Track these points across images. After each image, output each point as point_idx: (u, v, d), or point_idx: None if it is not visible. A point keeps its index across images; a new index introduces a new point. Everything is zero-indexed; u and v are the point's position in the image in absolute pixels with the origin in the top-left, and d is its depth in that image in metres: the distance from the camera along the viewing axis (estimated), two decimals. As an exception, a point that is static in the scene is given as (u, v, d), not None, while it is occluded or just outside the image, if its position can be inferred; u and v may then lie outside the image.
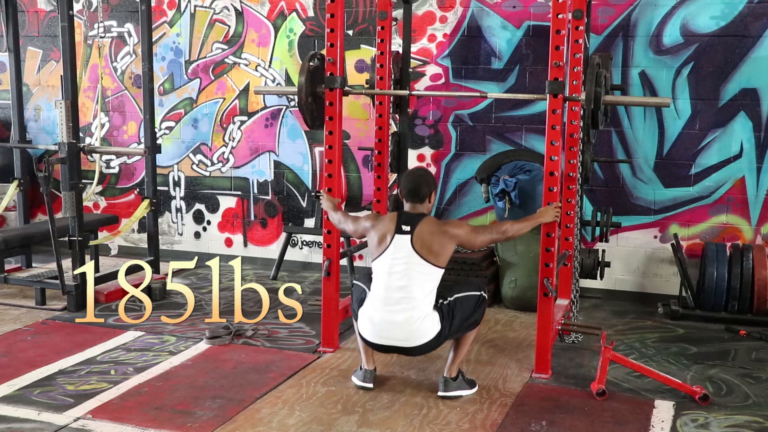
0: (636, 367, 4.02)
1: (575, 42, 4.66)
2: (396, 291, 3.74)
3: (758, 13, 5.26)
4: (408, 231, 3.78)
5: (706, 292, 5.20)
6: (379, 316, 3.76)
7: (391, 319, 3.73)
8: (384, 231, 3.84)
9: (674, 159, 5.55)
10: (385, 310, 3.75)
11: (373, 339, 3.81)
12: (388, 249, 3.80)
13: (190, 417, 3.54)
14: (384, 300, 3.76)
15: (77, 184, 5.16)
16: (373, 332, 3.80)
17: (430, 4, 5.90)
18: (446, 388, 3.83)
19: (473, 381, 3.96)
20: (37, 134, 7.09)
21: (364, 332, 3.85)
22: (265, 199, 6.57)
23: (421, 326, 3.72)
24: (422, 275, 3.75)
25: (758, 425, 3.57)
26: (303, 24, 6.25)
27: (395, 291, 3.74)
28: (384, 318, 3.75)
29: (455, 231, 3.86)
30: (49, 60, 6.98)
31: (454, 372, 3.87)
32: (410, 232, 3.78)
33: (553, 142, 3.99)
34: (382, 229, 3.86)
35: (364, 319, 3.85)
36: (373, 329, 3.80)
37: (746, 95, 5.36)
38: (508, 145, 5.85)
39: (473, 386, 3.92)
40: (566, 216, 4.80)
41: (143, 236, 6.48)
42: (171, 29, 6.60)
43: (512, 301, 5.45)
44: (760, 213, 5.43)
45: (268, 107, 6.45)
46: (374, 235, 3.89)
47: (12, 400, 3.69)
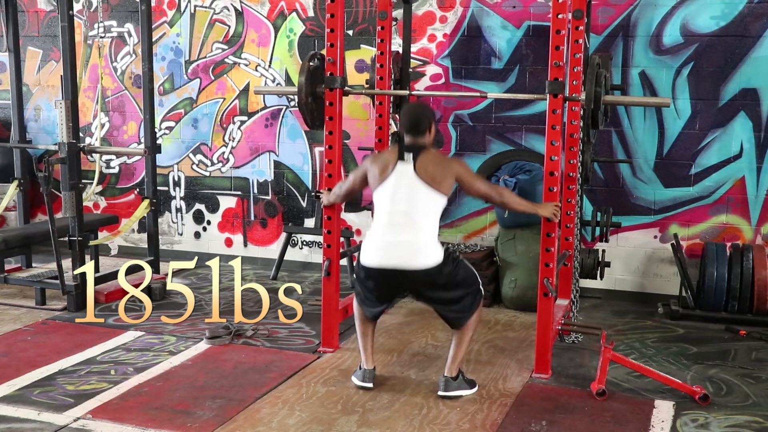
0: (636, 367, 4.02)
1: (575, 42, 4.66)
2: (400, 215, 3.73)
3: (758, 13, 5.26)
4: (409, 160, 3.78)
5: (706, 292, 5.20)
6: (384, 240, 3.75)
7: (396, 240, 3.72)
8: (385, 162, 3.84)
9: (674, 159, 5.55)
10: (390, 233, 3.74)
11: (377, 263, 3.76)
12: (390, 176, 3.78)
13: (190, 417, 3.54)
14: (388, 225, 3.75)
15: (77, 184, 5.16)
16: (377, 256, 3.75)
17: (430, 4, 5.90)
18: (446, 387, 3.83)
19: (473, 381, 3.96)
20: (37, 134, 7.09)
21: (369, 260, 3.79)
22: (265, 199, 6.57)
23: (424, 249, 3.70)
24: (426, 199, 3.74)
25: (758, 425, 3.57)
26: (303, 24, 6.25)
27: (399, 215, 3.73)
28: (389, 240, 3.74)
29: (457, 167, 3.85)
30: (49, 60, 6.98)
31: (454, 371, 3.87)
32: (413, 159, 3.77)
33: (553, 142, 3.99)
34: (383, 160, 3.86)
35: (368, 247, 3.81)
36: (377, 253, 3.76)
37: (746, 95, 5.36)
38: (508, 145, 5.85)
39: (473, 386, 3.92)
40: (566, 216, 4.80)
41: (143, 236, 6.48)
42: (171, 29, 6.60)
43: (512, 301, 5.45)
44: (760, 213, 5.43)
45: (268, 107, 6.45)
46: (375, 168, 3.87)
47: (12, 400, 3.69)
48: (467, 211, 6.02)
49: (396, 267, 3.73)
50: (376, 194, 3.85)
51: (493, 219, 5.93)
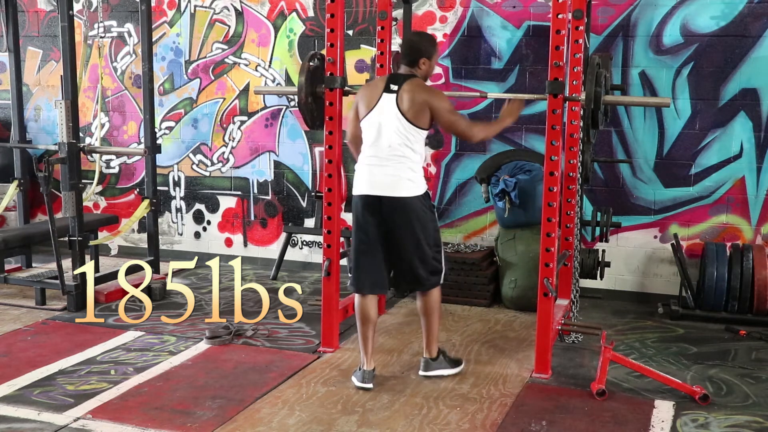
0: (636, 367, 4.02)
1: (575, 42, 4.66)
2: (383, 150, 3.87)
3: (758, 13, 5.26)
4: (394, 90, 3.87)
5: (706, 292, 5.20)
6: (370, 173, 3.91)
7: (380, 172, 3.88)
8: (372, 93, 3.95)
9: (674, 159, 5.55)
10: (376, 166, 3.89)
11: (365, 191, 3.92)
12: (374, 109, 3.90)
13: (190, 417, 3.54)
14: (373, 157, 3.91)
15: (77, 184, 5.16)
16: (365, 182, 3.93)
17: (430, 4, 5.90)
18: (426, 368, 4.04)
19: (458, 360, 4.11)
20: (37, 134, 7.09)
21: (358, 190, 3.96)
22: (265, 199, 6.57)
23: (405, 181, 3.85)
24: (405, 132, 3.84)
25: (758, 425, 3.57)
26: (303, 24, 6.25)
27: (382, 149, 3.87)
28: (374, 172, 3.90)
29: (431, 99, 3.86)
30: (49, 60, 6.98)
31: (433, 352, 4.06)
32: (396, 91, 3.86)
33: (553, 142, 3.99)
34: (370, 92, 3.97)
35: (357, 180, 3.98)
36: (364, 180, 3.94)
37: (746, 95, 5.36)
38: (508, 145, 5.84)
39: (457, 365, 4.09)
40: (566, 216, 4.80)
41: (143, 236, 6.48)
42: (171, 29, 6.60)
43: (512, 301, 5.45)
44: (760, 213, 5.43)
45: (268, 107, 6.45)
46: (362, 101, 4.01)
47: (12, 400, 3.69)
48: (467, 211, 6.02)
49: (379, 194, 3.88)
50: (362, 126, 3.99)
51: (493, 219, 5.93)
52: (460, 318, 5.20)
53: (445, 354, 4.08)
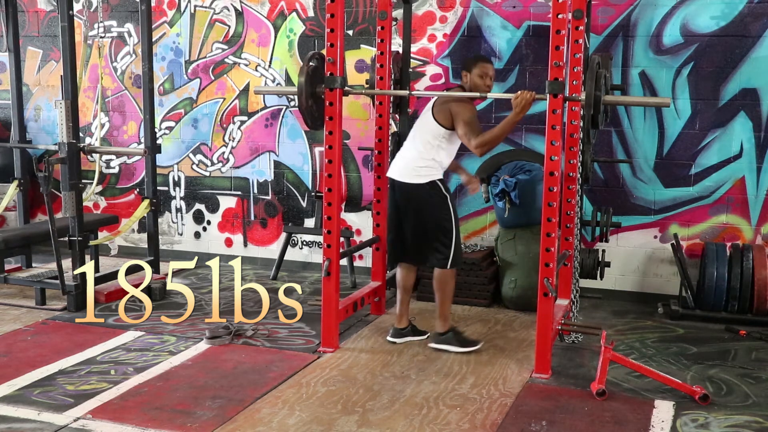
0: (636, 367, 4.02)
1: (575, 42, 4.66)
2: (408, 139, 4.55)
3: (758, 13, 5.26)
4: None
5: (706, 292, 5.20)
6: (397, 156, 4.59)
7: (400, 156, 4.54)
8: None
9: (674, 159, 5.55)
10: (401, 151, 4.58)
11: (389, 173, 4.59)
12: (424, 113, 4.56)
13: (190, 417, 3.54)
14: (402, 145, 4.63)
15: (77, 184, 5.16)
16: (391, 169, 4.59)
17: (430, 4, 5.90)
18: (433, 340, 4.48)
19: (471, 341, 4.43)
20: (37, 134, 7.09)
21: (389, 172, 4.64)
22: (265, 199, 6.57)
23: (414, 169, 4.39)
24: (426, 126, 4.40)
25: (758, 425, 3.57)
26: (303, 24, 6.25)
27: (408, 139, 4.57)
28: (397, 156, 4.58)
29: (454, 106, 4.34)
30: (49, 60, 6.98)
31: (440, 328, 4.45)
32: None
33: (553, 142, 3.99)
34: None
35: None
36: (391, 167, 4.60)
37: (746, 95, 5.36)
38: (508, 145, 5.84)
39: (466, 345, 4.39)
40: (566, 216, 4.80)
41: (143, 236, 6.49)
42: (171, 29, 6.60)
43: (512, 301, 5.45)
44: (760, 213, 5.43)
45: (268, 107, 6.45)
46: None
47: (12, 400, 3.69)
48: (467, 211, 6.02)
49: (394, 177, 4.50)
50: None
51: (493, 219, 5.93)
52: (460, 318, 5.20)
53: (456, 331, 4.44)
